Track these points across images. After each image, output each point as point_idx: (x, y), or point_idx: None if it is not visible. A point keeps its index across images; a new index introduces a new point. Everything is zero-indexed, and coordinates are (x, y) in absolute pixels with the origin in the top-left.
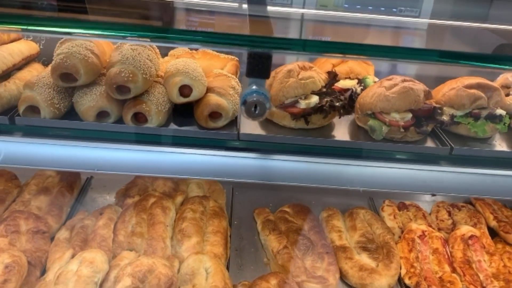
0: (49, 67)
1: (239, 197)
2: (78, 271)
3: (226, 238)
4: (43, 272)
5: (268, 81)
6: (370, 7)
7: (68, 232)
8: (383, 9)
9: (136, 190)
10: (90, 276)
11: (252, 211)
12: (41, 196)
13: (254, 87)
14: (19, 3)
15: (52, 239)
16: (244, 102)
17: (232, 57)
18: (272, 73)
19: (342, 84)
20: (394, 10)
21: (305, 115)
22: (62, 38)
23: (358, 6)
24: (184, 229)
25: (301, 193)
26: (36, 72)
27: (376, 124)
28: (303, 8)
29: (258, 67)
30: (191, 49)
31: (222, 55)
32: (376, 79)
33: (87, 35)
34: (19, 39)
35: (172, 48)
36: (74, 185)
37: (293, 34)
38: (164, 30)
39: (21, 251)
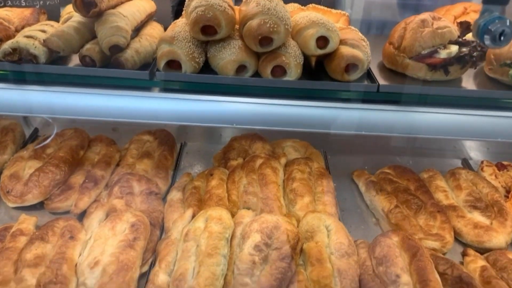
0: (179, 22)
1: (333, 161)
2: (207, 227)
3: (335, 198)
4: (161, 232)
5: (397, 32)
6: None
7: (180, 193)
8: None
9: (235, 153)
10: (222, 232)
11: (347, 174)
12: (144, 160)
13: (494, 13)
14: None
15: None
16: (487, 31)
17: (343, 12)
18: (402, 24)
19: (466, 36)
20: None
21: (445, 65)
22: None
23: None
24: (295, 188)
25: (393, 156)
26: (158, 30)
27: None
28: None
29: None
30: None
31: (334, 11)
32: None
33: None
34: None
35: None
36: (173, 149)
37: None
38: None
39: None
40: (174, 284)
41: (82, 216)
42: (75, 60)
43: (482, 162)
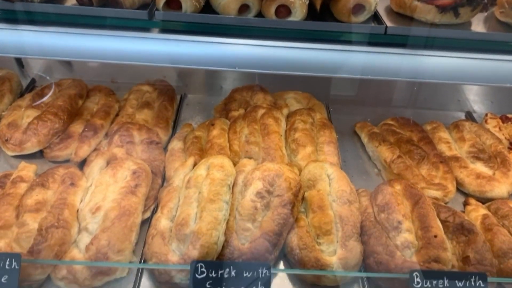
0: None
1: (335, 114)
2: (210, 174)
3: (338, 149)
4: (163, 180)
5: None
6: None
7: (181, 143)
8: None
9: (236, 104)
10: (224, 179)
11: (350, 126)
12: (144, 110)
13: None
14: None
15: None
16: None
17: None
18: None
19: None
20: None
21: (456, 6)
22: None
23: None
24: (297, 139)
25: (395, 109)
26: None
27: None
28: None
29: None
30: None
31: None
32: None
33: None
34: None
35: None
36: (173, 99)
37: None
38: None
39: None
40: (176, 229)
41: (81, 165)
42: None
43: (486, 114)
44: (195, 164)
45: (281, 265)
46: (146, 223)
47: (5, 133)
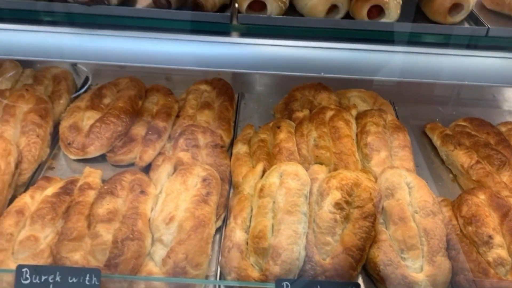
0: None
1: (400, 112)
2: (284, 183)
3: (412, 153)
4: (229, 186)
5: None
6: None
7: (246, 146)
8: None
9: (298, 104)
10: (300, 188)
11: (417, 126)
12: (205, 111)
13: None
14: None
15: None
16: None
17: None
18: None
19: None
20: None
21: None
22: None
23: None
24: (370, 143)
25: (461, 107)
26: None
27: None
28: None
29: None
30: None
31: None
32: None
33: None
34: None
35: None
36: (233, 99)
37: None
38: None
39: None
40: (254, 241)
41: (145, 169)
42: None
43: None
44: (264, 171)
45: (359, 280)
46: (216, 232)
47: (67, 136)
